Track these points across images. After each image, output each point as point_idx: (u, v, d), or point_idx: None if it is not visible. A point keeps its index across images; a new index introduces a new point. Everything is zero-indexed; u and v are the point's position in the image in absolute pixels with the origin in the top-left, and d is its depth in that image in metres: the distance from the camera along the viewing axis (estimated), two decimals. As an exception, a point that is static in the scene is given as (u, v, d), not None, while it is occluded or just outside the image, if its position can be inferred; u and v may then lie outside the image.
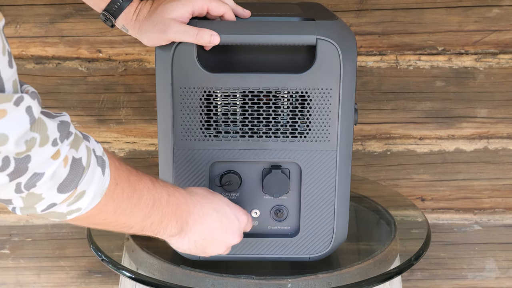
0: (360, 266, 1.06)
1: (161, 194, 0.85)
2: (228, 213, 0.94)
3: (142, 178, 0.83)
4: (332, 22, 0.97)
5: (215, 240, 0.94)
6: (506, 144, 1.57)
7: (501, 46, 1.50)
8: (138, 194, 0.81)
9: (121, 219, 0.81)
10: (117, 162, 0.80)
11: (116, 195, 0.78)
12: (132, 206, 0.81)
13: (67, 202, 0.72)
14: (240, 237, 0.96)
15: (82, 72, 1.51)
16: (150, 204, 0.83)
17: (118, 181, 0.78)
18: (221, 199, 0.95)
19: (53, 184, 0.69)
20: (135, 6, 0.99)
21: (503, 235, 1.64)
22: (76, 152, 0.71)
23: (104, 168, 0.75)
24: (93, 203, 0.75)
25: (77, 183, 0.71)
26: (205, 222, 0.91)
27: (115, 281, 1.68)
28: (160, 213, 0.85)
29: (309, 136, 0.99)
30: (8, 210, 1.61)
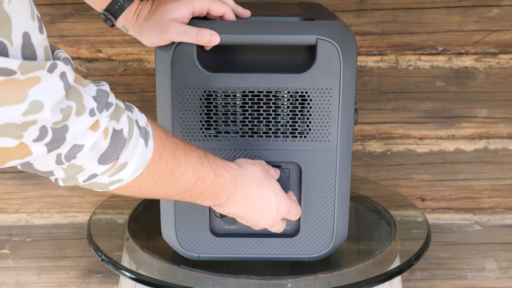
0: (360, 266, 1.06)
1: (208, 173, 0.85)
2: (272, 202, 0.94)
3: (189, 154, 0.83)
4: (332, 22, 0.97)
5: (247, 219, 0.95)
6: (506, 144, 1.57)
7: (501, 46, 1.50)
8: (182, 170, 0.81)
9: (161, 191, 0.81)
10: (163, 134, 0.79)
11: (159, 168, 0.77)
12: (173, 180, 0.81)
13: (108, 173, 0.72)
14: (272, 226, 0.96)
15: (82, 72, 1.51)
16: (193, 181, 0.83)
17: (162, 154, 0.77)
18: (272, 186, 0.94)
19: (94, 155, 0.69)
20: (136, 7, 0.99)
21: (503, 235, 1.64)
22: (117, 124, 0.70)
23: (147, 140, 0.74)
24: (135, 174, 0.75)
25: (118, 154, 0.71)
26: (245, 205, 0.92)
27: (115, 281, 1.68)
28: (201, 190, 0.86)
29: (309, 136, 0.99)
30: (8, 210, 1.62)
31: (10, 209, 1.62)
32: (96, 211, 1.28)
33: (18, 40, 0.58)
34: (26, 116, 0.60)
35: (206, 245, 1.05)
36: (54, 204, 1.61)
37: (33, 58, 0.60)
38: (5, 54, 0.57)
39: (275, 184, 0.95)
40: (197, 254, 1.05)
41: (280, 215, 0.96)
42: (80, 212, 1.62)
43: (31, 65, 0.59)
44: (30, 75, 0.59)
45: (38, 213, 1.62)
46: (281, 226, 0.98)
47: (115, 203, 1.33)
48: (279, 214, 0.96)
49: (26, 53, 0.59)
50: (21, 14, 0.58)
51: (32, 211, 1.62)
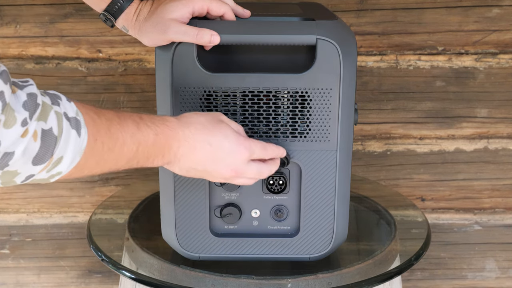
0: (360, 266, 1.06)
1: (147, 135, 0.83)
2: (224, 147, 0.90)
3: (125, 124, 0.81)
4: (332, 22, 0.97)
5: (207, 171, 0.91)
6: (506, 144, 1.57)
7: (501, 46, 1.50)
8: (120, 143, 0.80)
9: (105, 168, 0.81)
10: (95, 114, 0.77)
11: (96, 151, 0.77)
12: (115, 155, 0.80)
13: (45, 170, 0.72)
14: (239, 172, 0.92)
15: (82, 72, 1.51)
16: (135, 148, 0.82)
17: (97, 136, 0.76)
18: (221, 131, 0.90)
19: (26, 159, 0.68)
20: (136, 7, 0.99)
21: (503, 235, 1.64)
22: (45, 124, 0.70)
23: (79, 129, 0.73)
24: (73, 164, 0.74)
25: (52, 152, 0.70)
26: (196, 154, 0.88)
27: (115, 281, 1.68)
28: (146, 153, 0.84)
29: (309, 136, 0.99)
30: (8, 210, 1.62)
31: (10, 209, 1.62)
32: (96, 211, 1.28)
33: None
34: None
35: (206, 245, 1.04)
36: (54, 204, 1.61)
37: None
38: None
39: (225, 129, 0.90)
40: (197, 254, 1.05)
41: (241, 159, 0.91)
42: (80, 212, 1.62)
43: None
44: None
45: (38, 213, 1.62)
46: (256, 170, 0.93)
47: (115, 203, 1.33)
48: (239, 158, 0.91)
49: None
50: None
51: (32, 211, 1.62)
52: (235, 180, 0.93)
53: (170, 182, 1.01)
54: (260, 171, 0.94)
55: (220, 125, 0.90)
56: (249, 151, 0.91)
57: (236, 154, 0.90)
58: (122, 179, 1.60)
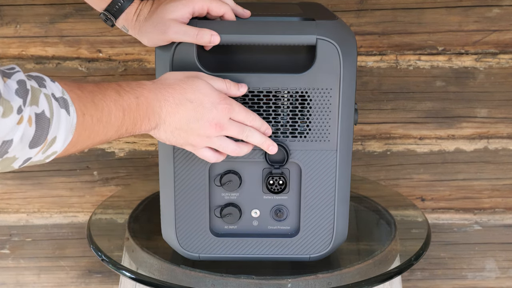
0: (360, 266, 1.06)
1: (129, 100, 0.84)
2: (205, 102, 0.90)
3: (107, 93, 0.82)
4: (332, 22, 0.97)
5: (192, 129, 0.91)
6: (506, 144, 1.57)
7: (501, 46, 1.50)
8: (106, 112, 0.81)
9: (96, 140, 0.82)
10: (79, 90, 0.79)
11: (86, 124, 0.78)
12: (104, 125, 0.81)
13: (41, 152, 0.73)
14: (224, 127, 0.92)
15: (82, 72, 1.51)
16: (121, 115, 0.83)
17: (85, 111, 0.78)
18: (198, 87, 0.90)
19: (24, 144, 0.70)
20: (136, 7, 0.99)
21: (503, 235, 1.64)
22: (37, 108, 0.71)
23: (67, 108, 0.75)
24: (67, 142, 0.76)
25: (46, 134, 0.72)
26: (179, 112, 0.89)
27: (115, 281, 1.68)
28: (132, 118, 0.85)
29: (309, 136, 0.99)
30: (8, 210, 1.62)
31: (10, 209, 1.62)
32: (96, 211, 1.28)
33: None
34: None
35: (206, 245, 1.05)
36: (54, 204, 1.61)
37: None
38: None
39: (203, 84, 0.91)
40: (197, 254, 1.05)
41: (223, 113, 0.91)
42: (80, 212, 1.62)
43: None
44: None
45: (38, 213, 1.62)
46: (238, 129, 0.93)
47: (115, 203, 1.33)
48: (221, 112, 0.91)
49: None
50: None
51: (32, 211, 1.62)
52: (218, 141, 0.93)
53: (170, 182, 1.01)
54: (241, 131, 0.93)
55: (197, 81, 0.90)
56: (230, 106, 0.91)
57: (218, 107, 0.90)
58: (122, 179, 1.60)
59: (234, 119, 0.93)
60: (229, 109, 0.91)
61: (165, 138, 0.91)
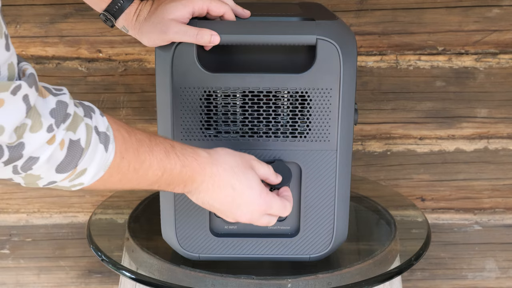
0: (360, 266, 1.06)
1: (175, 165, 0.84)
2: (245, 195, 0.90)
3: (155, 149, 0.82)
4: (332, 22, 0.97)
5: (222, 211, 0.92)
6: (506, 144, 1.57)
7: (501, 46, 1.50)
8: (146, 166, 0.81)
9: (127, 186, 0.82)
10: (126, 133, 0.79)
11: (121, 168, 0.78)
12: (138, 177, 0.81)
13: (68, 179, 0.73)
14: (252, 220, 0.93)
15: (82, 72, 1.51)
16: (159, 174, 0.83)
17: (125, 155, 0.77)
18: (248, 178, 0.90)
19: (50, 166, 0.69)
20: (136, 7, 0.99)
21: (503, 235, 1.64)
22: (73, 134, 0.70)
23: (107, 144, 0.74)
24: (96, 177, 0.75)
25: (76, 163, 0.71)
26: (216, 194, 0.89)
27: (115, 281, 1.68)
28: (169, 181, 0.85)
29: (309, 136, 0.99)
30: (8, 210, 1.62)
31: (10, 209, 1.62)
32: (96, 211, 1.28)
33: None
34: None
35: (206, 245, 1.04)
36: (54, 204, 1.61)
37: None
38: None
39: (252, 177, 0.91)
40: (197, 254, 1.05)
41: (259, 211, 0.92)
42: (80, 212, 1.62)
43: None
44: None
45: (38, 213, 1.62)
46: (267, 221, 0.94)
47: (115, 203, 1.33)
48: (257, 210, 0.92)
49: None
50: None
51: (32, 211, 1.62)
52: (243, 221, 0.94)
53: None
54: (269, 222, 0.95)
55: (248, 172, 0.91)
56: (268, 207, 0.92)
57: (255, 206, 0.91)
58: (122, 179, 1.60)
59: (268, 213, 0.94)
60: (266, 208, 0.92)
61: (194, 201, 0.92)
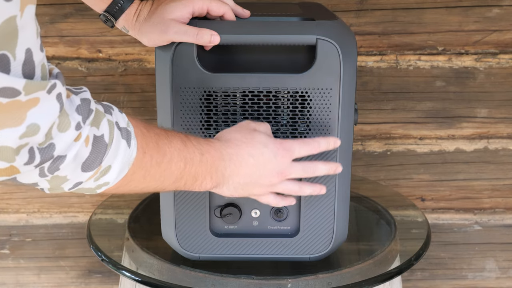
0: (360, 266, 1.06)
1: (194, 154, 0.84)
2: (266, 154, 0.91)
3: (173, 140, 0.82)
4: (332, 22, 0.97)
5: (255, 182, 0.92)
6: (506, 144, 1.57)
7: (501, 46, 1.50)
8: (168, 158, 0.81)
9: (152, 184, 0.81)
10: (144, 128, 0.78)
11: (144, 163, 0.77)
12: (162, 170, 0.80)
13: (93, 178, 0.72)
14: (280, 173, 0.92)
15: (82, 72, 1.51)
16: (182, 165, 0.83)
17: (146, 149, 0.77)
18: (258, 140, 0.91)
19: (76, 164, 0.68)
20: (136, 7, 0.99)
21: (503, 235, 1.64)
22: (97, 130, 0.69)
23: (129, 140, 0.74)
24: (121, 175, 0.74)
25: (101, 160, 0.70)
26: (242, 170, 0.90)
27: (115, 281, 1.68)
28: (193, 173, 0.85)
29: (309, 136, 0.99)
30: (8, 210, 1.62)
31: (10, 209, 1.62)
32: (96, 211, 1.28)
33: (21, 55, 0.57)
34: (22, 139, 0.59)
35: (206, 245, 1.05)
36: (54, 204, 1.61)
37: (31, 75, 0.59)
38: (6, 68, 0.56)
39: (260, 137, 0.91)
40: (197, 254, 1.05)
41: (284, 160, 0.92)
42: (80, 212, 1.62)
43: (34, 86, 0.58)
44: (31, 96, 0.58)
45: (38, 213, 1.62)
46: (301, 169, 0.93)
47: (115, 203, 1.33)
48: (281, 160, 0.91)
49: (26, 70, 0.58)
50: (28, 30, 0.58)
51: (32, 211, 1.62)
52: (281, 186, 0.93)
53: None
54: (304, 170, 0.93)
55: (254, 135, 0.91)
56: (290, 151, 0.92)
57: (278, 157, 0.91)
58: (122, 179, 1.60)
59: (298, 157, 0.93)
60: (289, 154, 0.92)
61: (228, 194, 0.92)
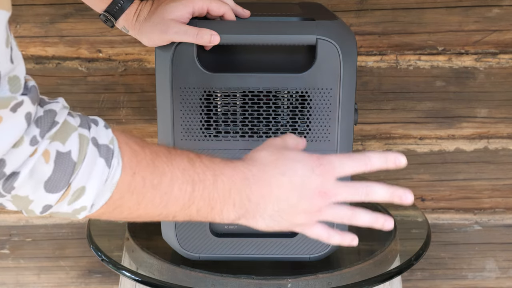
0: (360, 266, 1.06)
1: (204, 175, 0.71)
2: (298, 169, 0.75)
3: (176, 159, 0.70)
4: (332, 22, 0.97)
5: (295, 207, 0.75)
6: (506, 144, 1.57)
7: (501, 46, 1.50)
8: (167, 179, 0.69)
9: (152, 211, 0.70)
10: (137, 145, 0.68)
11: (134, 186, 0.67)
12: (162, 194, 0.69)
13: (65, 201, 0.63)
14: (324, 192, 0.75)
15: (82, 72, 1.51)
16: (189, 189, 0.70)
17: (136, 170, 0.67)
18: (288, 156, 0.76)
19: (36, 183, 0.61)
20: (136, 7, 0.99)
21: (503, 235, 1.64)
22: (61, 145, 0.61)
23: (109, 159, 0.64)
24: (102, 199, 0.65)
25: (68, 180, 0.62)
26: (274, 192, 0.74)
27: (115, 281, 1.68)
28: (207, 198, 0.72)
29: (309, 136, 0.99)
30: (8, 210, 1.61)
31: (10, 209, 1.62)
32: (96, 211, 1.28)
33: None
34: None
35: (206, 245, 1.04)
36: (54, 204, 1.61)
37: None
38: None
39: (291, 152, 0.77)
40: (197, 254, 1.05)
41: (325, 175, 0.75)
42: (80, 212, 1.62)
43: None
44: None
45: (38, 213, 1.62)
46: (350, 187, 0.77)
47: (115, 203, 1.33)
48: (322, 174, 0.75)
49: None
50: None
51: (32, 211, 1.62)
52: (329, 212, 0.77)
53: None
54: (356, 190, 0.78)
55: (285, 152, 0.77)
56: (330, 165, 0.76)
57: (316, 171, 0.75)
58: (122, 179, 1.60)
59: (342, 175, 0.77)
60: (330, 169, 0.76)
61: (265, 225, 0.77)
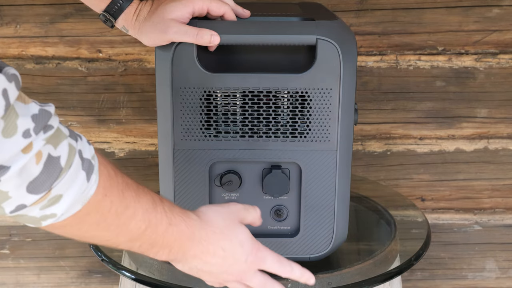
0: (360, 266, 1.06)
1: (161, 221, 0.76)
2: (237, 254, 0.84)
3: (142, 197, 0.74)
4: (332, 22, 0.97)
5: (213, 274, 0.85)
6: (506, 144, 1.57)
7: (501, 46, 1.50)
8: (130, 213, 0.72)
9: (105, 235, 0.72)
10: (113, 171, 0.70)
11: (102, 207, 0.68)
12: (119, 224, 0.71)
13: (39, 205, 0.63)
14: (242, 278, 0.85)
15: (82, 72, 1.51)
16: (143, 228, 0.74)
17: (108, 193, 0.68)
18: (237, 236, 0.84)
19: (22, 181, 0.60)
20: (135, 7, 0.99)
21: (503, 235, 1.64)
22: (54, 149, 0.62)
23: (90, 174, 0.65)
24: (72, 211, 0.66)
25: (52, 184, 0.62)
26: (207, 257, 0.82)
27: (115, 281, 1.68)
28: (152, 240, 0.76)
29: (309, 136, 0.99)
30: (8, 210, 1.61)
31: (10, 209, 1.62)
32: (96, 211, 1.28)
33: None
34: None
35: (206, 245, 1.04)
36: (54, 204, 1.61)
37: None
38: None
39: (241, 234, 0.84)
40: (197, 254, 1.05)
41: (250, 268, 0.85)
42: (80, 212, 1.62)
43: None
44: None
45: (38, 213, 1.62)
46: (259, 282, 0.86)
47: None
48: (248, 267, 0.85)
49: None
50: None
51: (32, 211, 1.62)
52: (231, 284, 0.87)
53: (170, 182, 1.01)
54: (264, 284, 0.86)
55: (237, 230, 0.84)
56: (262, 261, 0.86)
57: (248, 260, 0.84)
58: (122, 179, 1.60)
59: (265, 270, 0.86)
60: (260, 263, 0.85)
61: (180, 269, 0.85)
